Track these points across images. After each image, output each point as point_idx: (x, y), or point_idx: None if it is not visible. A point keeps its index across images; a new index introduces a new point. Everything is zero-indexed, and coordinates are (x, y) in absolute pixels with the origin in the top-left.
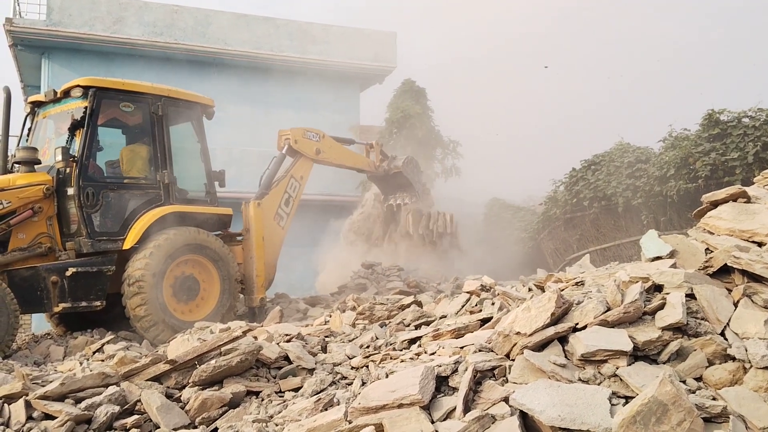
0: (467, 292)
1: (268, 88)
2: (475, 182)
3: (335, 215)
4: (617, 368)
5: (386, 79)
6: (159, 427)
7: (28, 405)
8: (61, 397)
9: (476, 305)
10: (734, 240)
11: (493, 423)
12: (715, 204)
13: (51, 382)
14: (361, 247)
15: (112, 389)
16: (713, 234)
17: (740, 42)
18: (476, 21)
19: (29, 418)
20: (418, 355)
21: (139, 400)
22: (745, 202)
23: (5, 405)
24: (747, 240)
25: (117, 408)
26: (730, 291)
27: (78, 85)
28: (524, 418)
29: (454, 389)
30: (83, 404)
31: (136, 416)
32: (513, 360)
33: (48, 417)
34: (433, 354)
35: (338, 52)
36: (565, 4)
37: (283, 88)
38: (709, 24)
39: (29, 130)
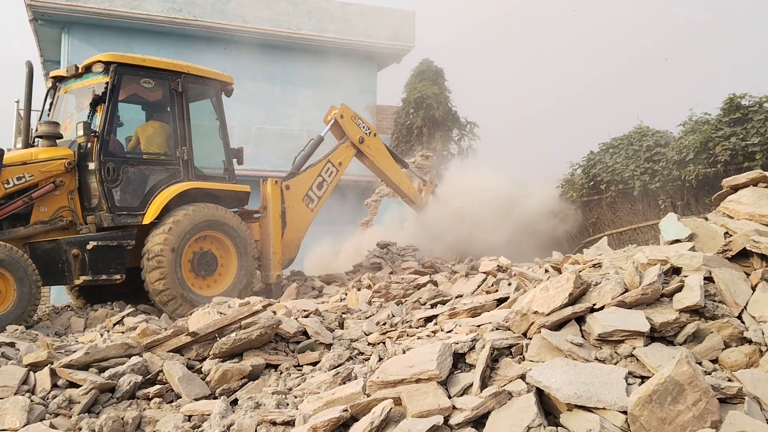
0: (483, 272)
1: (286, 66)
2: (492, 164)
3: (344, 194)
4: (634, 348)
5: (404, 59)
6: (180, 397)
7: (53, 373)
8: (85, 366)
9: (492, 285)
10: (754, 224)
11: (509, 399)
12: (735, 188)
13: (74, 351)
14: None
15: (134, 359)
16: (733, 218)
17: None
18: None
19: (54, 385)
20: (434, 332)
21: (161, 371)
22: (765, 187)
23: (31, 373)
24: (766, 225)
25: (140, 378)
26: (748, 275)
27: (99, 61)
28: (540, 395)
29: (471, 366)
30: (107, 373)
31: (158, 386)
32: (530, 339)
33: (72, 385)
34: (449, 332)
35: (356, 31)
36: None
37: (301, 67)
38: (733, 3)
39: (50, 104)
